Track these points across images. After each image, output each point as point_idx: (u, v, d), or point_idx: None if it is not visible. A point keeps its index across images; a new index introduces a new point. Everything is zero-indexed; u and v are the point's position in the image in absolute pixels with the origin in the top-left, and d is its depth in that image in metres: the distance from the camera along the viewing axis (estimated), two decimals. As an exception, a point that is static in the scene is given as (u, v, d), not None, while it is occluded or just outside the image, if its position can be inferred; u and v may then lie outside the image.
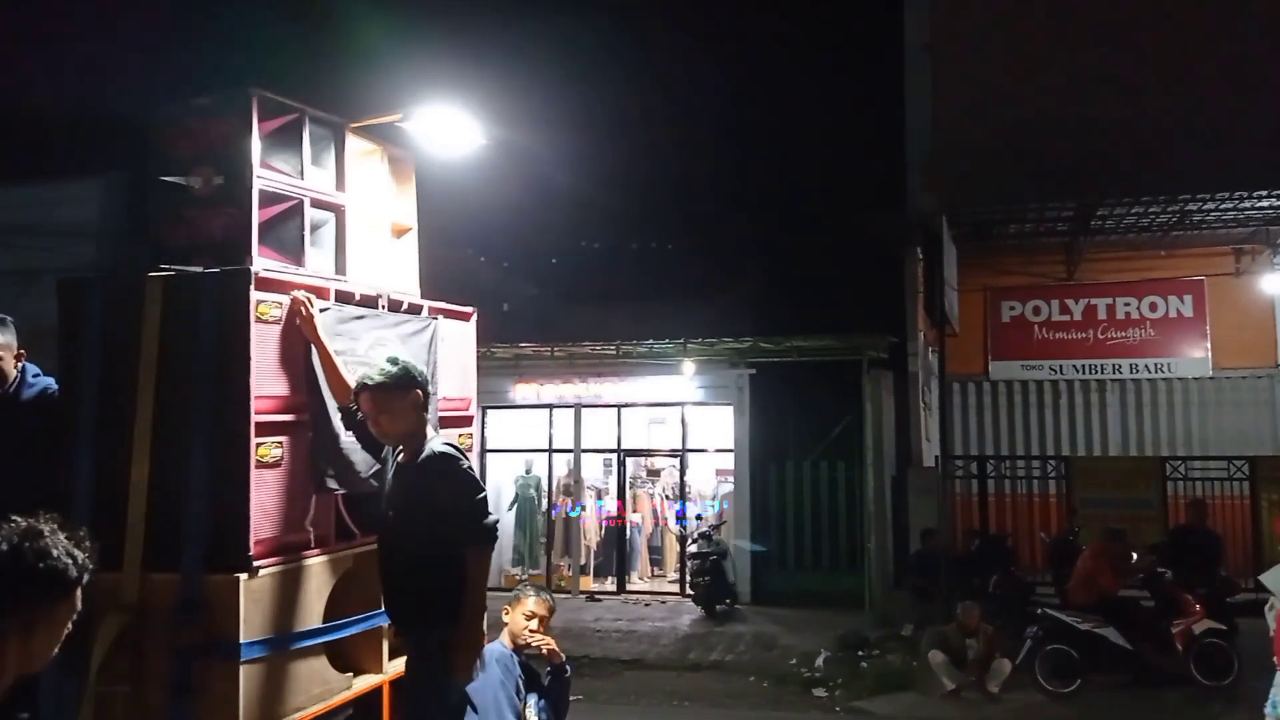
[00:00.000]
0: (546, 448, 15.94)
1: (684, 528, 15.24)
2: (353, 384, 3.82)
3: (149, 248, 4.01)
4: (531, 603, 4.63)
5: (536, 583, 4.94)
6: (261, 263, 3.80)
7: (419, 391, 3.81)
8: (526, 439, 15.95)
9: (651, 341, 13.84)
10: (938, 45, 14.79)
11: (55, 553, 1.96)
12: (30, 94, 16.00)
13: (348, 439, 3.98)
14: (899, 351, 13.88)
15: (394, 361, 3.79)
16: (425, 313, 4.60)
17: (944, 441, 14.13)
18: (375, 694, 4.16)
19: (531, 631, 4.58)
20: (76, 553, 2.00)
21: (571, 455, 15.68)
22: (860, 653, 10.97)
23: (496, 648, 4.51)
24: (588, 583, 15.35)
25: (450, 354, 4.71)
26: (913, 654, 10.36)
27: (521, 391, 15.59)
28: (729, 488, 15.35)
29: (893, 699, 9.48)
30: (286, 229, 4.03)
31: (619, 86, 14.31)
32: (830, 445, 14.46)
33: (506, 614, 4.62)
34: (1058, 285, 16.00)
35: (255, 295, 3.60)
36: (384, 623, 4.17)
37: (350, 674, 4.05)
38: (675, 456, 15.92)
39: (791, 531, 14.63)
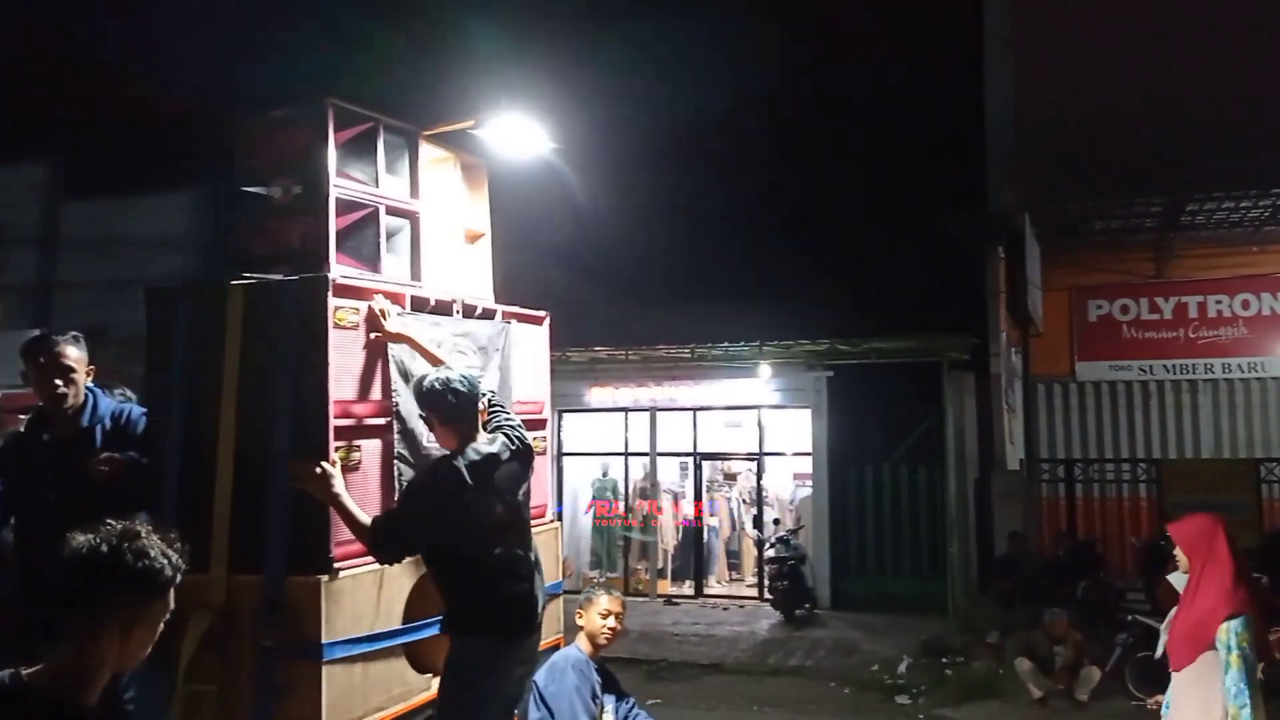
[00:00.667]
0: (622, 451, 15.98)
1: (761, 532, 15.15)
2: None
3: (232, 257, 4.10)
4: (605, 601, 4.62)
5: (605, 583, 4.90)
6: (339, 270, 3.87)
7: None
8: (602, 443, 16.00)
9: (727, 344, 13.77)
10: (1019, 38, 14.51)
11: (152, 553, 2.03)
12: (121, 107, 16.51)
13: (426, 441, 4.03)
14: (981, 352, 13.63)
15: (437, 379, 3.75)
16: (499, 317, 4.64)
17: (1029, 444, 13.83)
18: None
19: (610, 629, 4.57)
20: (170, 553, 2.07)
21: (647, 459, 15.70)
22: (944, 659, 10.78)
23: (572, 653, 4.48)
24: (665, 586, 15.35)
25: (523, 358, 4.74)
26: (998, 661, 10.16)
27: (597, 395, 15.65)
28: (807, 491, 15.22)
29: (978, 707, 9.30)
30: (363, 236, 4.09)
31: (693, 86, 14.27)
32: (910, 448, 14.24)
33: (580, 617, 4.60)
34: (1146, 283, 15.54)
35: (333, 302, 3.66)
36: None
37: (429, 675, 4.09)
38: (752, 460, 15.83)
39: (871, 536, 14.44)
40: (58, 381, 3.91)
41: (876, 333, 13.34)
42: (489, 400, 3.93)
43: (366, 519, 3.51)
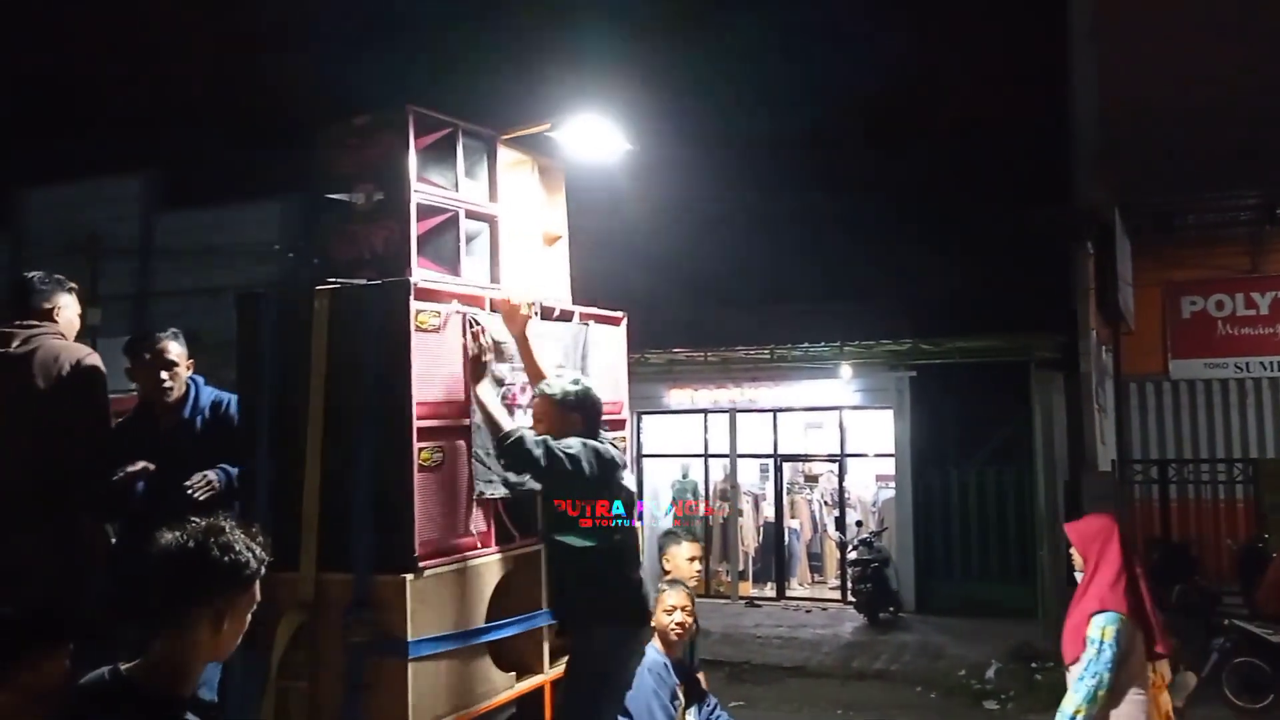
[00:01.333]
0: (702, 453, 15.95)
1: (844, 534, 15.00)
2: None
3: (318, 262, 4.20)
4: (671, 596, 4.63)
5: (671, 578, 4.93)
6: (420, 273, 3.93)
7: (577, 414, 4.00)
8: (682, 444, 15.99)
9: (807, 345, 13.65)
10: (1104, 28, 14.13)
11: (237, 547, 2.10)
12: (214, 119, 17.01)
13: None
14: (1070, 351, 13.28)
15: (576, 383, 4.04)
16: (577, 319, 4.67)
17: (1121, 445, 13.45)
18: (537, 694, 4.23)
19: (678, 624, 4.55)
20: (254, 546, 2.13)
21: (727, 460, 15.66)
22: (1033, 665, 10.55)
23: (649, 654, 4.41)
24: (746, 588, 15.29)
25: (601, 359, 4.77)
26: (1090, 666, 9.89)
27: (676, 397, 15.64)
28: (890, 493, 15.03)
29: (1068, 713, 9.07)
30: (443, 240, 4.15)
31: (772, 84, 14.21)
32: (997, 449, 13.97)
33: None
34: (1242, 278, 14.98)
35: (415, 305, 3.71)
36: (544, 623, 4.26)
37: (513, 674, 4.14)
38: (833, 461, 15.69)
39: (957, 539, 14.19)
40: (162, 375, 4.18)
41: (960, 332, 13.11)
42: None
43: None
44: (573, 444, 3.89)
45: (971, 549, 14.09)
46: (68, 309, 4.28)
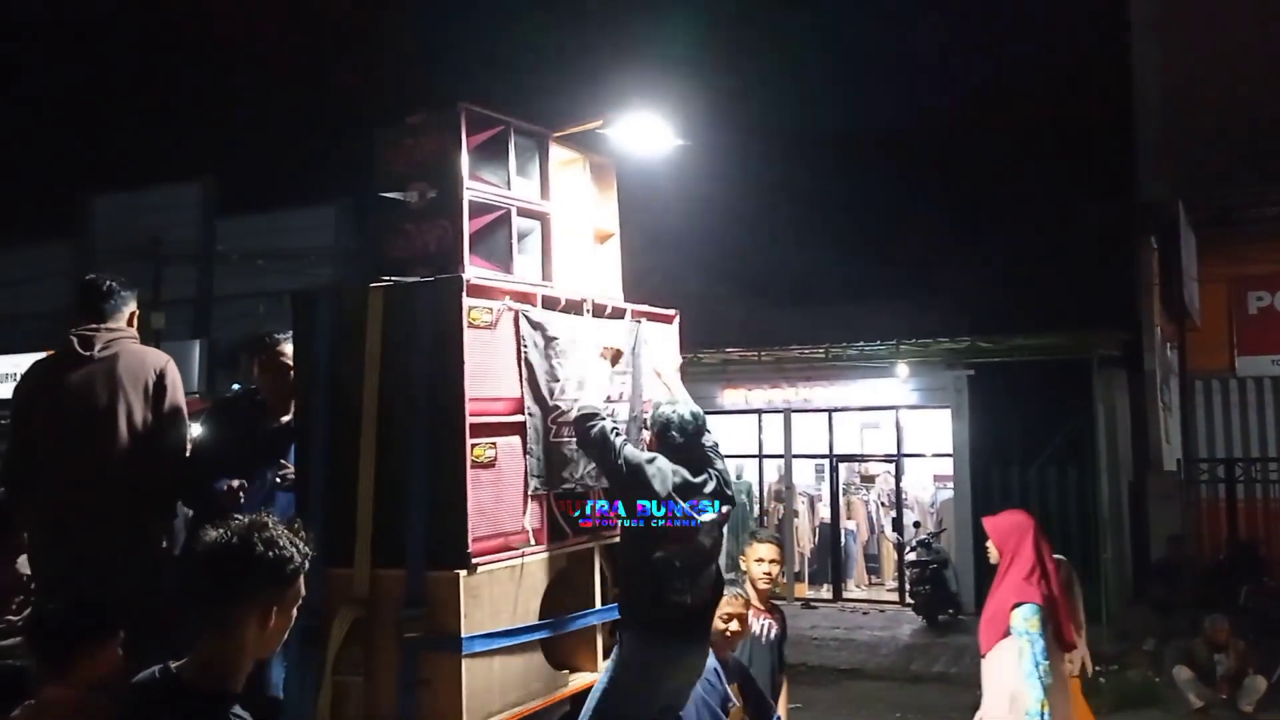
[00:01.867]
0: (756, 453, 15.87)
1: (901, 535, 14.83)
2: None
3: (372, 260, 4.23)
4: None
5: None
6: (473, 271, 3.93)
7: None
8: (735, 445, 15.89)
9: (862, 344, 13.52)
10: (1166, 19, 13.85)
11: (281, 542, 2.11)
12: (273, 125, 17.27)
13: (557, 440, 4.07)
14: (1133, 348, 13.05)
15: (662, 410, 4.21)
16: (628, 316, 4.65)
17: (1187, 444, 13.18)
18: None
19: (729, 634, 4.41)
20: (297, 541, 2.14)
21: (782, 461, 15.56)
22: (1097, 668, 10.31)
23: None
24: (802, 590, 15.18)
25: (654, 357, 4.74)
26: (1155, 669, 9.71)
27: (729, 397, 15.58)
28: (948, 494, 14.83)
29: (1134, 716, 8.92)
30: (495, 238, 4.16)
31: (828, 80, 14.10)
32: (1058, 449, 13.71)
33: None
34: (1311, 272, 14.61)
35: (468, 302, 3.72)
36: (597, 621, 4.25)
37: (566, 672, 4.13)
38: (890, 462, 15.52)
39: (1018, 539, 13.92)
40: (279, 376, 4.33)
41: (1020, 329, 12.89)
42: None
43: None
44: (643, 456, 3.98)
45: (1033, 550, 13.82)
46: (135, 314, 4.34)
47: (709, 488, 4.06)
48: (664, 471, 3.97)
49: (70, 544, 3.88)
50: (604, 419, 3.98)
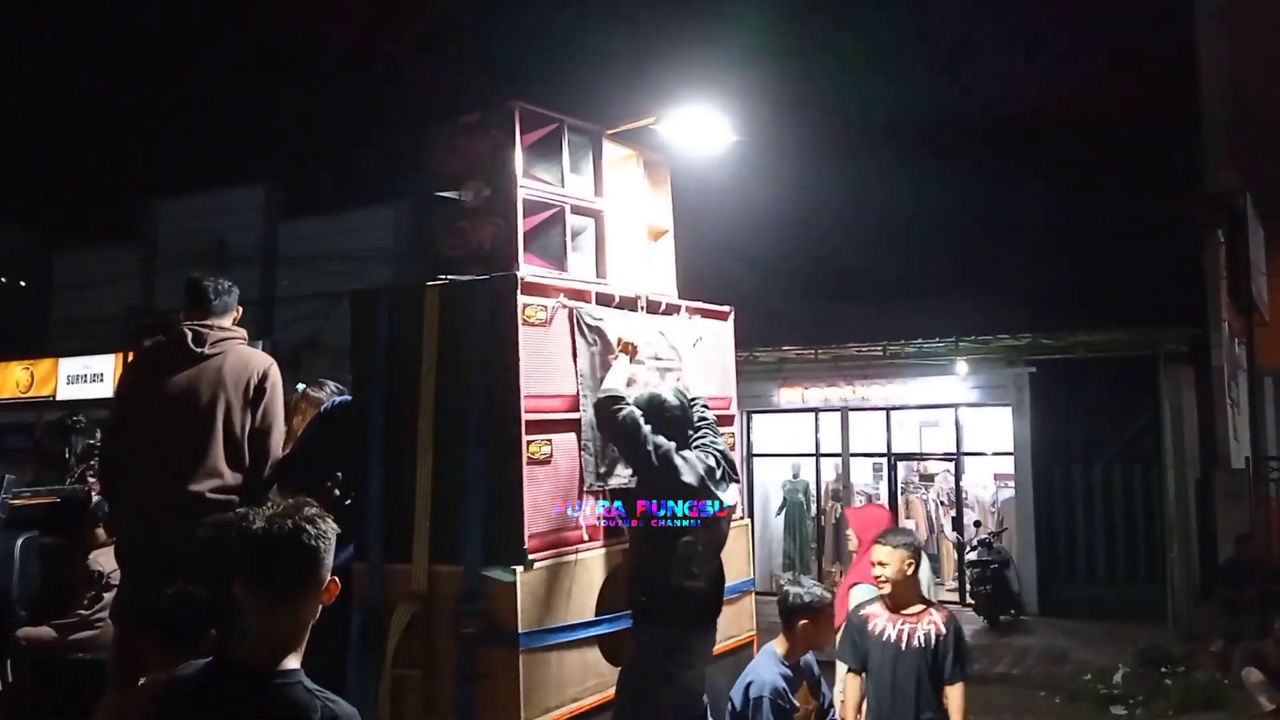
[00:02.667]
0: (813, 452, 15.76)
1: (961, 534, 14.64)
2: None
3: (428, 260, 4.26)
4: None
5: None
6: (527, 268, 3.96)
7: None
8: (792, 443, 15.82)
9: (921, 341, 13.35)
10: (1231, 9, 13.50)
11: (324, 523, 2.14)
12: (332, 128, 17.51)
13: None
14: (1200, 344, 12.74)
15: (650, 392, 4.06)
16: (683, 313, 4.65)
17: (1255, 441, 12.84)
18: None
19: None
20: (333, 526, 2.18)
21: (839, 460, 15.44)
22: (1163, 669, 10.12)
23: (769, 678, 4.13)
24: (860, 589, 15.04)
25: (709, 353, 4.73)
26: (1224, 671, 9.46)
27: (786, 395, 15.48)
28: (1009, 493, 14.61)
29: (1201, 719, 8.70)
30: (549, 235, 4.18)
31: (883, 72, 13.97)
32: (1123, 447, 13.44)
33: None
34: (1384, 264, 14.15)
35: (522, 299, 3.75)
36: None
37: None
38: (949, 460, 15.33)
39: (1082, 539, 13.70)
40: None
41: (1083, 325, 12.64)
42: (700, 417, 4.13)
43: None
44: (669, 443, 3.89)
45: (1097, 550, 13.60)
46: (239, 315, 4.36)
47: (719, 472, 3.98)
48: (689, 459, 3.90)
49: (161, 541, 3.92)
50: (629, 404, 3.89)
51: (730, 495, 4.01)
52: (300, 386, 4.54)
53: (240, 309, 4.33)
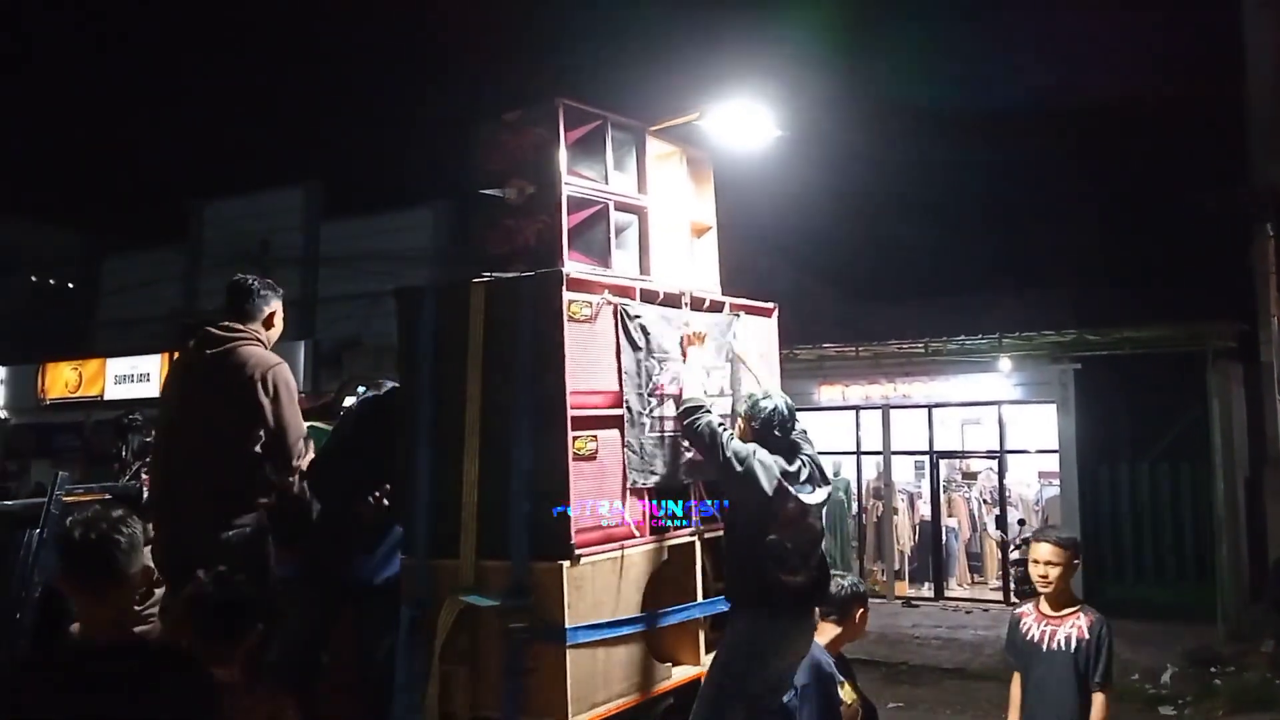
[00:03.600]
0: (854, 450, 15.67)
1: (1005, 533, 14.50)
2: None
3: (469, 258, 4.29)
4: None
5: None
6: (572, 265, 3.96)
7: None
8: (833, 441, 15.73)
9: (964, 338, 13.24)
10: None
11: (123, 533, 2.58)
12: (371, 130, 17.66)
13: (657, 434, 4.08)
14: (1249, 340, 12.54)
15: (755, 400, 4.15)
16: (727, 310, 4.63)
17: (1308, 438, 12.58)
18: (693, 687, 4.21)
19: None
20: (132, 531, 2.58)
21: (881, 458, 15.35)
22: (1212, 669, 9.99)
23: (826, 670, 4.17)
24: (903, 588, 14.96)
25: (753, 350, 4.71)
26: (1275, 671, 9.32)
27: (826, 393, 15.41)
28: (1053, 491, 14.46)
29: (1252, 719, 8.56)
30: (593, 232, 4.18)
31: (931, 71, 13.87)
32: (1170, 445, 13.25)
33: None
34: None
35: (567, 296, 3.75)
36: (699, 615, 4.24)
37: (669, 664, 4.13)
38: (993, 458, 15.18)
39: (1128, 538, 13.54)
40: None
41: (1130, 321, 12.49)
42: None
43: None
44: (748, 449, 3.98)
45: (1144, 549, 13.43)
46: (279, 314, 4.40)
47: (804, 474, 4.07)
48: (767, 464, 3.99)
49: (179, 539, 4.00)
50: (708, 412, 4.03)
51: (816, 496, 4.07)
52: (361, 389, 4.59)
53: (275, 308, 4.35)
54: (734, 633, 4.00)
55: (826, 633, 4.26)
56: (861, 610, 4.29)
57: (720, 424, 4.05)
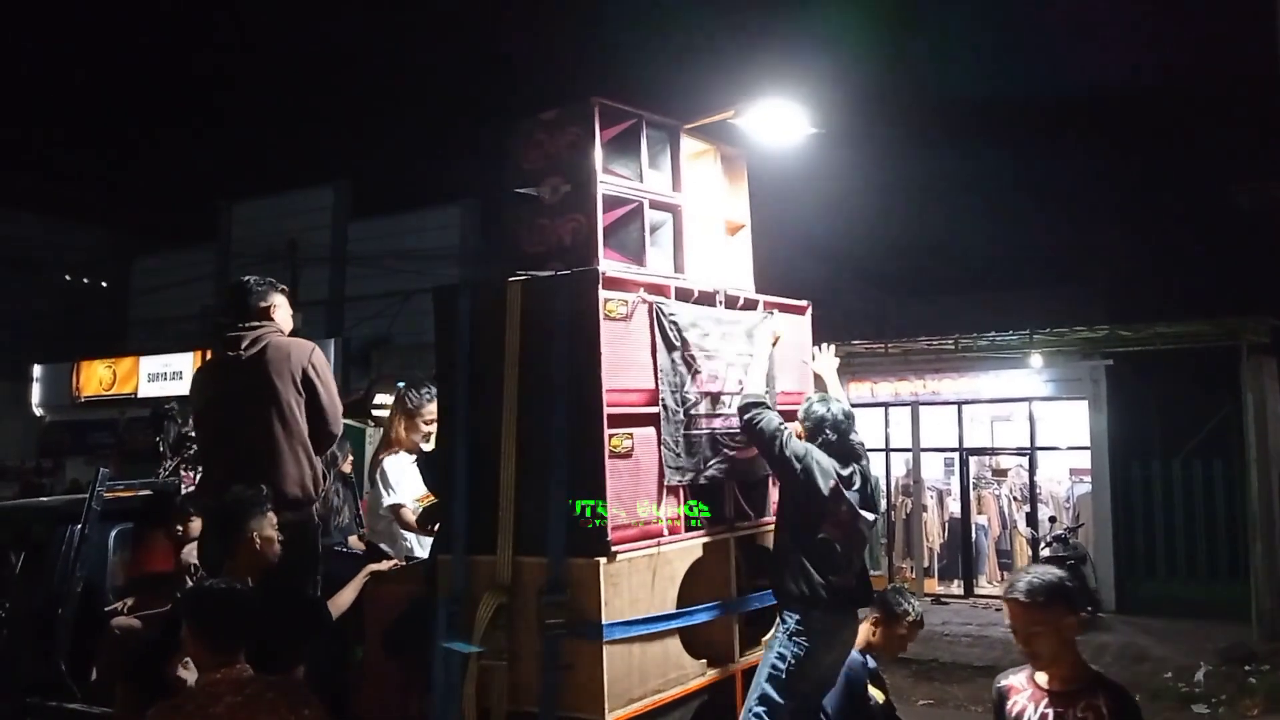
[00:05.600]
0: (883, 447, 15.62)
1: (1036, 530, 14.41)
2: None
3: (502, 257, 4.31)
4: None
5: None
6: (607, 264, 3.97)
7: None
8: (862, 438, 15.66)
9: (994, 334, 13.16)
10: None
11: None
12: (400, 130, 17.73)
13: (692, 431, 4.09)
14: (1284, 335, 12.40)
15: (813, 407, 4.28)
16: (760, 307, 4.63)
17: (1343, 435, 12.43)
18: (728, 684, 4.23)
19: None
20: None
21: (910, 455, 15.28)
22: (1246, 667, 9.90)
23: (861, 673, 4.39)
24: (932, 585, 14.90)
25: (786, 348, 4.72)
26: (1310, 670, 9.23)
27: (855, 391, 15.34)
28: (1085, 488, 14.36)
29: (1289, 720, 8.49)
30: (628, 231, 4.19)
31: (961, 64, 13.80)
32: (1204, 441, 13.13)
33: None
34: None
35: (603, 294, 3.76)
36: (734, 612, 4.25)
37: (704, 661, 4.14)
38: (1023, 455, 15.09)
39: (1161, 535, 13.43)
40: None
41: (1162, 317, 12.38)
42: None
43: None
44: (805, 449, 4.10)
45: (1177, 546, 13.32)
46: (281, 308, 4.52)
47: (857, 482, 4.17)
48: (824, 465, 4.08)
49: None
50: (769, 409, 4.13)
51: (867, 516, 4.17)
52: (400, 385, 4.65)
53: (275, 302, 4.46)
54: (784, 631, 4.07)
55: (865, 637, 4.38)
56: (905, 634, 4.54)
57: (780, 423, 4.12)
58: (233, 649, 3.12)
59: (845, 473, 4.14)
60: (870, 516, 4.17)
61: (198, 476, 4.97)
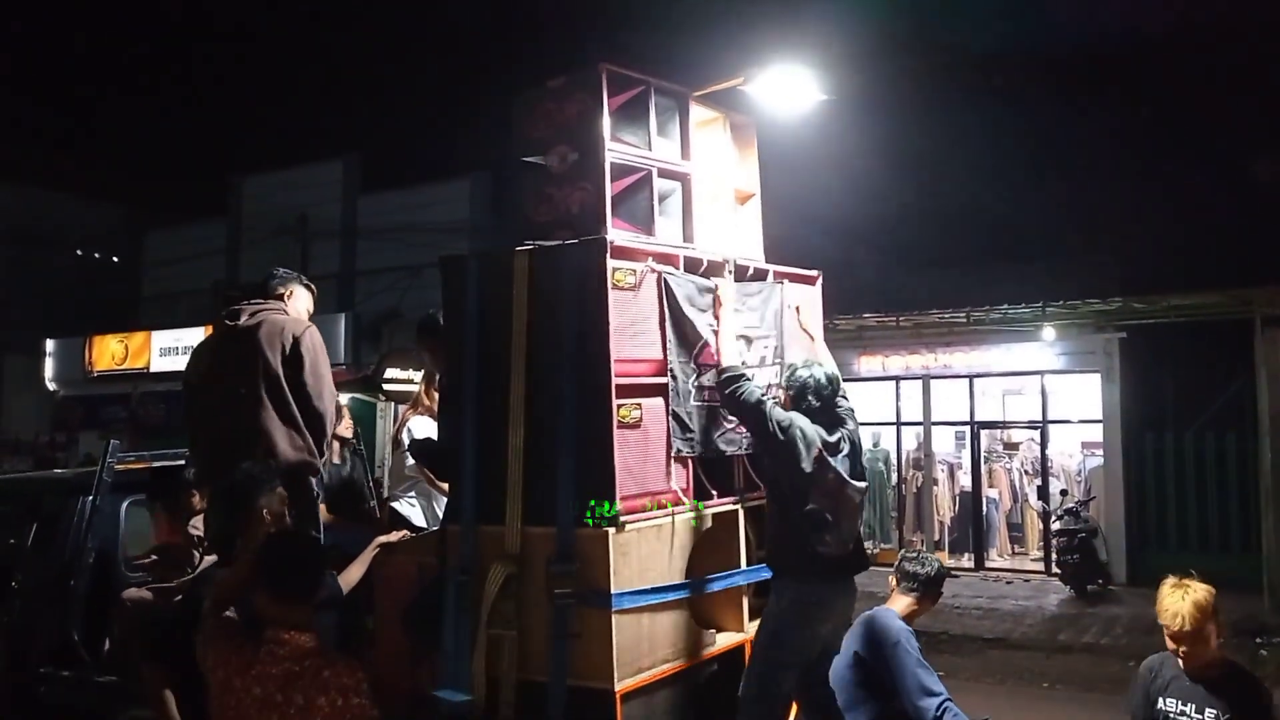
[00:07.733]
0: (894, 421, 15.58)
1: (1047, 503, 14.39)
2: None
3: (510, 228, 4.28)
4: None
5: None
6: (615, 233, 3.94)
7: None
8: (873, 412, 15.63)
9: (1006, 307, 13.07)
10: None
11: None
12: (409, 103, 17.65)
13: (700, 402, 4.07)
14: (1298, 307, 12.29)
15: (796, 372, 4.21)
16: (770, 277, 4.60)
17: (1358, 407, 12.35)
18: (737, 653, 4.23)
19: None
20: None
21: (921, 428, 15.25)
22: (1258, 639, 9.89)
23: (894, 621, 4.27)
24: (942, 558, 14.83)
25: (797, 319, 4.68)
26: (1323, 642, 9.21)
27: (866, 364, 15.32)
28: (1096, 461, 14.31)
29: (1299, 692, 8.45)
30: (637, 200, 4.15)
31: (978, 28, 13.62)
32: (1217, 413, 13.06)
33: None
34: None
35: (611, 264, 3.73)
36: (742, 582, 4.25)
37: (713, 631, 4.15)
38: (1035, 429, 15.05)
39: (1172, 508, 13.39)
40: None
41: (1176, 288, 12.26)
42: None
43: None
44: (789, 418, 4.00)
45: (1189, 519, 13.28)
46: (299, 300, 4.53)
47: (845, 449, 4.08)
48: (808, 433, 3.99)
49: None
50: (748, 379, 4.02)
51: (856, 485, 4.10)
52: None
53: (292, 290, 4.52)
54: (779, 601, 4.04)
55: (900, 603, 4.35)
56: (940, 591, 4.43)
57: (763, 393, 4.05)
58: (305, 601, 3.04)
59: (832, 439, 4.04)
60: (860, 485, 4.10)
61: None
